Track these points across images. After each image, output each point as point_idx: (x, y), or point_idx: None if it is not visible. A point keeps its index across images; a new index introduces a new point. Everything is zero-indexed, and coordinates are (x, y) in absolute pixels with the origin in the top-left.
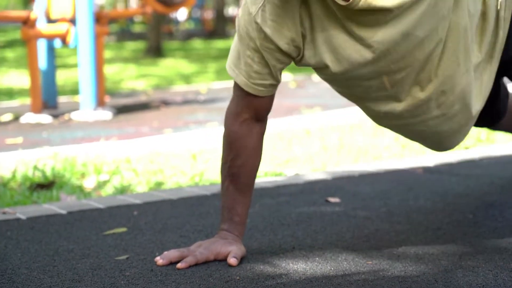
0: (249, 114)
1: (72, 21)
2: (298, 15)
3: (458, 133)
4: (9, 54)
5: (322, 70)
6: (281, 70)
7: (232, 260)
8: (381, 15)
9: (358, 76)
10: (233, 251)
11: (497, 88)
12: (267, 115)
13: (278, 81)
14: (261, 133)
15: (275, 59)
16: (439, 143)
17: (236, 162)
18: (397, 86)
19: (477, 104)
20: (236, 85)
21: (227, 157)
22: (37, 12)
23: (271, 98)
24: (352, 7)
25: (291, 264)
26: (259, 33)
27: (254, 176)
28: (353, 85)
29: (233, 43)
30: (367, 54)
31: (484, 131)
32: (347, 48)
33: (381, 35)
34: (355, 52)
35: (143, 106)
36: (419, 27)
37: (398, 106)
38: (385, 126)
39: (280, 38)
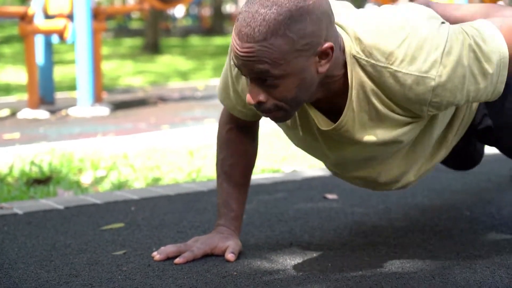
0: (235, 124)
1: (70, 17)
2: None
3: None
4: (6, 49)
5: None
6: None
7: (230, 256)
8: (351, 142)
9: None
10: (230, 246)
11: (469, 146)
12: (256, 123)
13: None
14: (252, 137)
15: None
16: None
17: (227, 162)
18: (353, 179)
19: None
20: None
21: (219, 156)
22: (34, 7)
23: (258, 119)
24: (326, 134)
25: (288, 260)
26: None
27: (248, 175)
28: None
29: (225, 65)
30: (324, 156)
31: None
32: (312, 146)
33: (346, 154)
34: (312, 146)
35: (141, 102)
36: (385, 154)
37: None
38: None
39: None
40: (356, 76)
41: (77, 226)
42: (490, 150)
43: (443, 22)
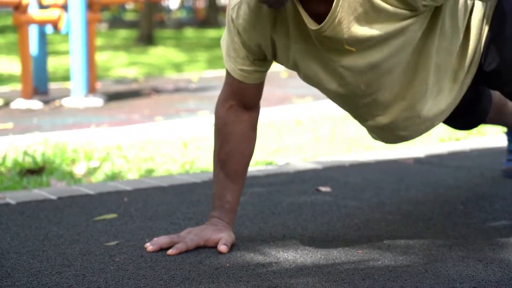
0: (235, 101)
1: (64, 7)
2: (270, 22)
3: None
4: (0, 40)
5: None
6: (258, 60)
7: (222, 247)
8: (349, 42)
9: (326, 90)
10: (223, 238)
11: (478, 95)
12: (257, 104)
13: (261, 67)
14: (251, 121)
15: (248, 50)
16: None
17: (224, 149)
18: (364, 108)
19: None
20: (227, 72)
21: (216, 144)
22: None
23: (259, 86)
24: (320, 33)
25: (281, 252)
26: (234, 26)
27: (245, 164)
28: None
29: (225, 31)
30: (335, 79)
31: None
32: (316, 64)
33: (347, 62)
34: (320, 65)
35: (134, 94)
36: (387, 60)
37: (365, 122)
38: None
39: (249, 39)
40: None
41: (70, 217)
42: (482, 145)
43: None
